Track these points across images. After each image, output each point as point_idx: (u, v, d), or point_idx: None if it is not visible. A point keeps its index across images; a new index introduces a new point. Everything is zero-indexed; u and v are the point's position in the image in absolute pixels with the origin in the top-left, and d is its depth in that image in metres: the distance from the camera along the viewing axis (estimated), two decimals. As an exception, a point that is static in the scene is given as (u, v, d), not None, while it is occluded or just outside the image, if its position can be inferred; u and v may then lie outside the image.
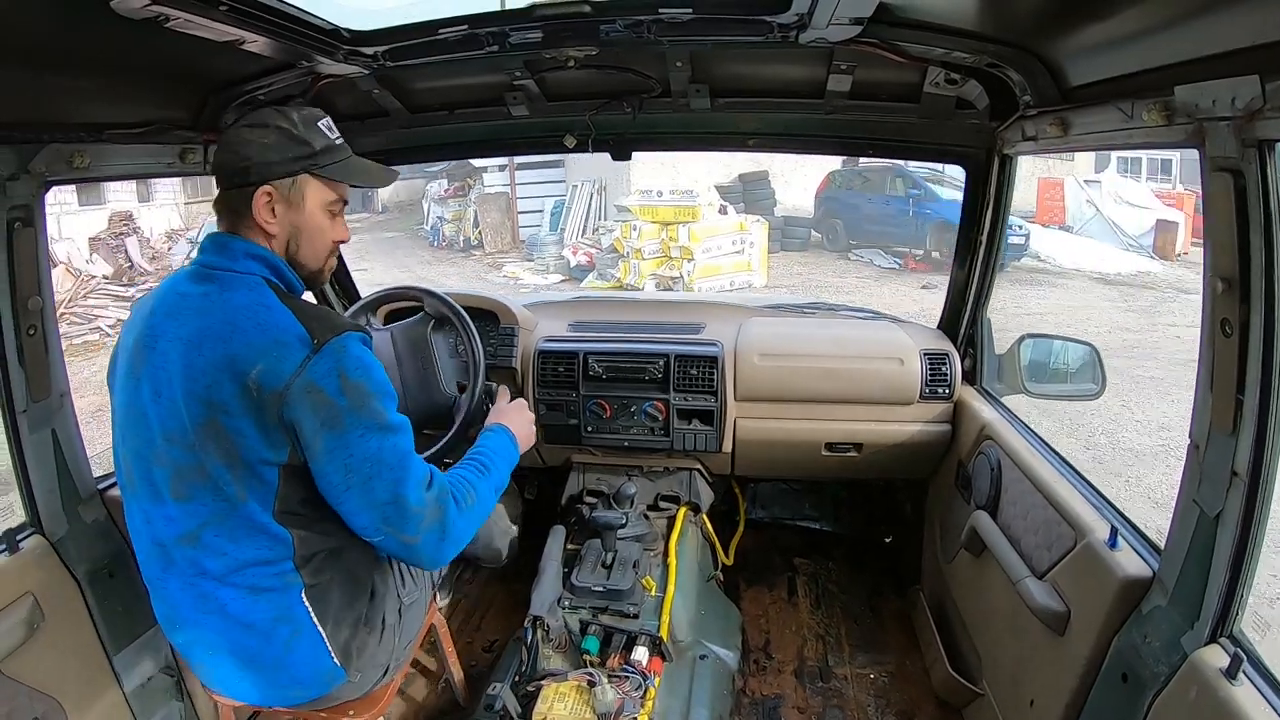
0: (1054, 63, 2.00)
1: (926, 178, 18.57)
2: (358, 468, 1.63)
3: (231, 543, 1.68)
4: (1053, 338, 3.08)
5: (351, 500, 1.65)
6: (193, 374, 1.60)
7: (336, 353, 1.62)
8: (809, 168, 21.16)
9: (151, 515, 1.72)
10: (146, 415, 1.67)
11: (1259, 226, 1.40)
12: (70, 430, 2.12)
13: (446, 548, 1.75)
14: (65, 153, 1.94)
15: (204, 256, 1.72)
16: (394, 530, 1.67)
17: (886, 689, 2.94)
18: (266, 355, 1.58)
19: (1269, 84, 1.26)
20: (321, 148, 1.77)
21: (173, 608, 1.78)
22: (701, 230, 16.04)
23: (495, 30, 2.14)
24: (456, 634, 3.17)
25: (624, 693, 2.33)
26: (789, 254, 19.18)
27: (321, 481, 1.66)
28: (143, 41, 1.65)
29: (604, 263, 17.35)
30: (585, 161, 20.34)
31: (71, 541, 2.09)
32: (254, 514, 1.66)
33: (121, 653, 2.15)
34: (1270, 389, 1.43)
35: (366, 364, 1.67)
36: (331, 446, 1.61)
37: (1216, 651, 1.52)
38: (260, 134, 1.71)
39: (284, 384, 1.58)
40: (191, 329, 1.63)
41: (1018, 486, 2.41)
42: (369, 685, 1.96)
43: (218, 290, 1.66)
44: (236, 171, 1.70)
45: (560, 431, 3.20)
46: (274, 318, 1.63)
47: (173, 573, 1.74)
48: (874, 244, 18.92)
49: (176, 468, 1.65)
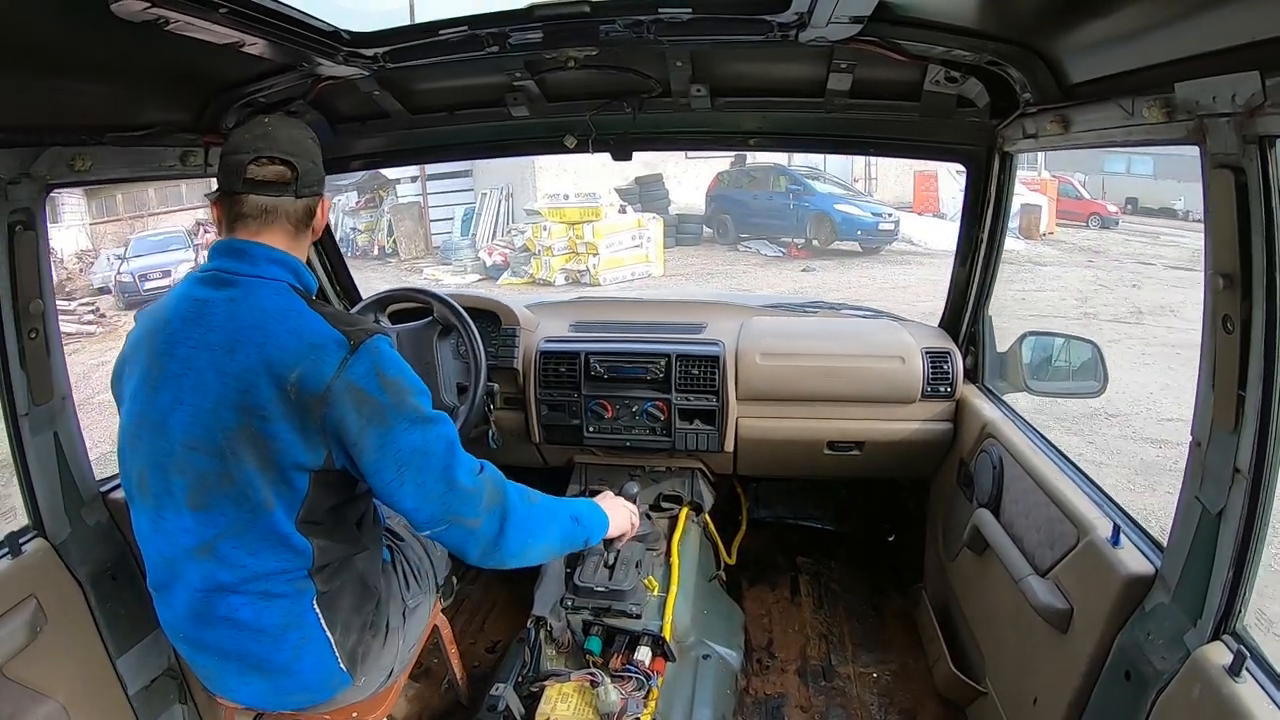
0: (1054, 60, 2.00)
1: (805, 174, 20.71)
2: (408, 460, 1.65)
3: (250, 555, 1.67)
4: (1055, 335, 3.08)
5: (408, 495, 1.67)
6: (225, 379, 1.61)
7: (371, 353, 1.65)
8: (700, 168, 23.15)
9: (164, 526, 1.71)
10: (165, 423, 1.66)
11: (1260, 223, 1.39)
12: (72, 433, 2.12)
13: (509, 535, 1.77)
14: (67, 156, 1.93)
15: (220, 261, 1.71)
16: (456, 517, 1.70)
17: (890, 688, 2.94)
18: (304, 359, 1.60)
19: (1269, 80, 1.26)
20: None
21: (178, 616, 1.77)
22: (604, 228, 17.88)
23: (495, 31, 2.14)
24: (459, 635, 3.17)
25: (627, 693, 2.33)
26: (684, 248, 21.21)
27: (375, 480, 1.67)
28: (143, 44, 1.65)
29: (517, 261, 19.08)
30: (494, 169, 22.20)
31: (74, 544, 2.08)
32: (276, 524, 1.66)
33: (124, 655, 2.15)
34: (1272, 385, 1.43)
35: (398, 362, 1.71)
36: (380, 443, 1.63)
37: (1220, 649, 1.51)
38: (316, 147, 1.79)
39: (325, 386, 1.59)
40: (221, 335, 1.63)
41: (1020, 484, 2.41)
42: (373, 688, 1.96)
43: (243, 295, 1.66)
44: (317, 180, 1.77)
45: (562, 432, 3.20)
46: (307, 323, 1.65)
47: (180, 583, 1.73)
48: (760, 236, 20.80)
49: (199, 476, 1.65)
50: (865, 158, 23.85)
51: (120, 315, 16.87)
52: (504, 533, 1.75)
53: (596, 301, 4.31)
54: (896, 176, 26.72)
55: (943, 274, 11.23)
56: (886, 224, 19.89)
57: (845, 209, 19.83)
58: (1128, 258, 19.77)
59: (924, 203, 24.31)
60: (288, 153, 1.71)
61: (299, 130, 1.77)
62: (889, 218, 20.06)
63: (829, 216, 19.74)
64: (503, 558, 1.79)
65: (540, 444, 3.27)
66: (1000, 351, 3.07)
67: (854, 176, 25.74)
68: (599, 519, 2.11)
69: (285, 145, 1.71)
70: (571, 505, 2.02)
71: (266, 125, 1.72)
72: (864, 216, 19.87)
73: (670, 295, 8.40)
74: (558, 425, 3.20)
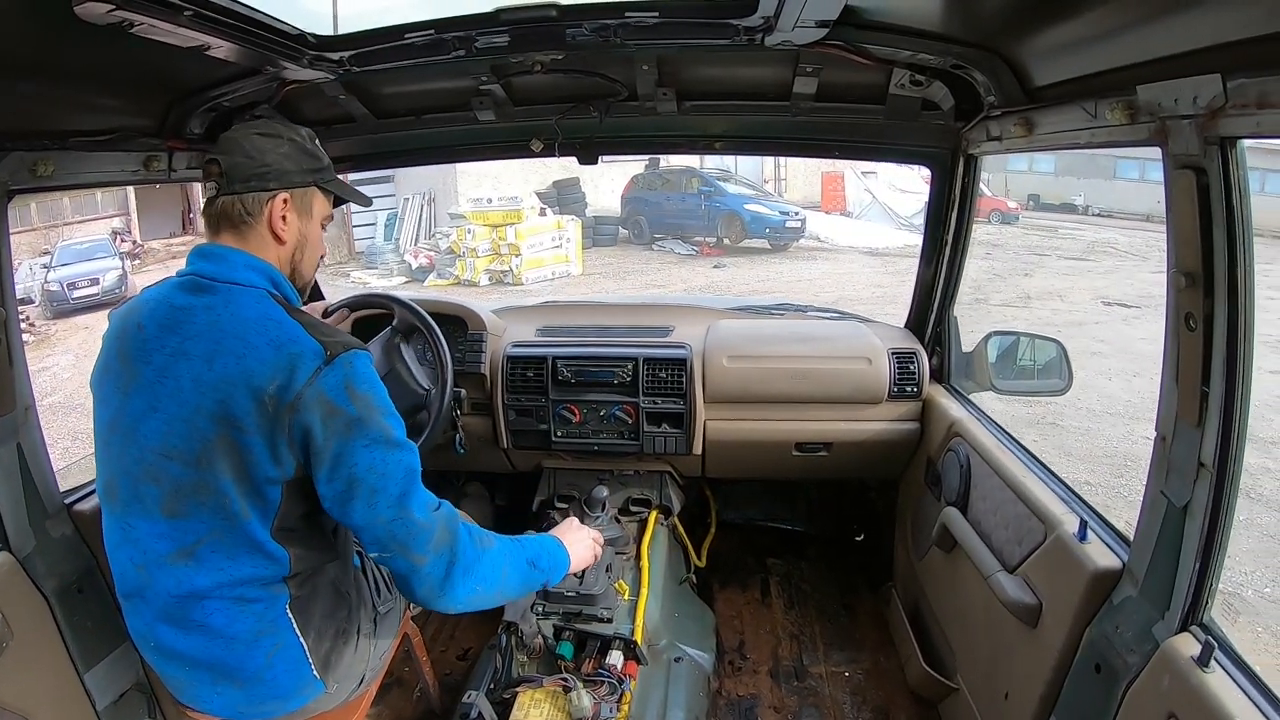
0: (1018, 63, 2.02)
1: (717, 176, 21.61)
2: (362, 477, 1.61)
3: (229, 560, 1.65)
4: (1019, 334, 3.12)
5: (356, 512, 1.63)
6: (203, 389, 1.58)
7: (346, 366, 1.62)
8: (615, 172, 23.51)
9: (137, 532, 1.68)
10: (137, 431, 1.64)
11: (1221, 222, 1.42)
12: (36, 444, 2.07)
13: (456, 579, 1.71)
14: (29, 160, 1.90)
15: (198, 265, 1.69)
16: (402, 548, 1.65)
17: (862, 686, 2.96)
18: (281, 369, 1.58)
19: (1230, 82, 1.29)
20: (327, 163, 1.83)
21: (149, 624, 1.74)
22: (526, 230, 18.47)
23: (461, 35, 2.12)
24: (430, 643, 3.15)
25: (599, 697, 2.32)
26: (601, 248, 21.95)
27: (326, 490, 1.63)
28: (107, 47, 1.63)
29: (443, 263, 19.42)
30: (415, 175, 22.40)
31: (39, 558, 2.04)
32: (254, 532, 1.64)
33: (92, 670, 2.10)
34: (1235, 381, 1.46)
35: (372, 380, 1.67)
36: (338, 453, 1.60)
37: (1188, 640, 1.54)
38: (275, 143, 1.72)
39: (296, 394, 1.57)
40: (199, 344, 1.61)
41: (987, 482, 2.44)
42: (345, 696, 1.94)
43: (221, 303, 1.64)
44: (254, 175, 1.69)
45: (530, 437, 3.19)
46: (286, 332, 1.62)
47: (152, 590, 1.70)
48: (674, 236, 21.67)
49: (174, 485, 1.62)
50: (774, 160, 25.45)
51: (50, 324, 16.61)
52: (450, 578, 1.70)
53: (563, 306, 4.30)
54: (805, 177, 27.94)
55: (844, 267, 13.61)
56: (793, 222, 20.95)
57: (754, 208, 20.79)
58: (1024, 250, 20.69)
59: (832, 202, 26.10)
60: (219, 151, 1.70)
61: (252, 129, 1.74)
62: (795, 216, 21.17)
63: (739, 216, 20.66)
64: (449, 603, 1.74)
65: (508, 449, 3.25)
66: (966, 351, 3.10)
67: (764, 178, 27.02)
68: (559, 559, 2.04)
69: (221, 145, 1.71)
70: (529, 547, 1.95)
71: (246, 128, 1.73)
72: (772, 215, 20.83)
73: (637, 299, 8.41)
74: (525, 430, 3.18)
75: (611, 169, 23.54)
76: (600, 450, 3.18)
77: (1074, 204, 28.74)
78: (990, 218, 25.20)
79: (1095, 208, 28.65)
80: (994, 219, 25.30)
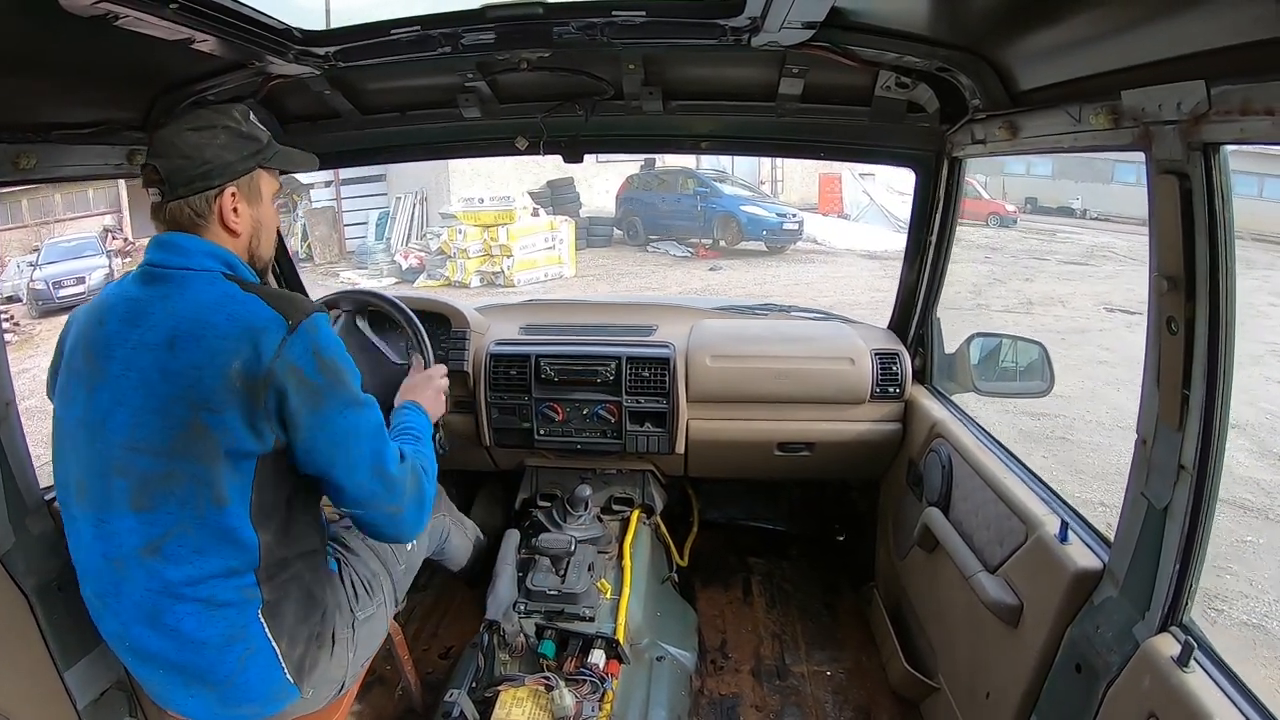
0: (1004, 67, 2.03)
1: (713, 177, 21.38)
2: (340, 441, 1.68)
3: (196, 553, 1.64)
4: (1002, 336, 3.14)
5: (337, 473, 1.70)
6: (169, 377, 1.58)
7: (310, 332, 1.64)
8: (609, 172, 23.55)
9: (105, 529, 1.67)
10: (104, 425, 1.63)
11: (1204, 227, 1.43)
12: (16, 440, 2.05)
13: (423, 518, 1.86)
14: (11, 153, 1.88)
15: (154, 256, 1.68)
16: (380, 503, 1.75)
17: (844, 686, 2.97)
18: (244, 344, 1.58)
19: (1214, 89, 1.30)
20: (266, 138, 1.80)
21: (123, 625, 1.73)
22: (518, 230, 18.12)
23: (448, 31, 2.12)
24: (412, 641, 3.13)
25: (582, 696, 2.33)
26: (595, 249, 21.57)
27: (306, 458, 1.68)
28: (91, 40, 1.61)
29: (433, 264, 19.22)
30: (408, 173, 22.11)
31: (19, 555, 2.01)
32: (223, 518, 1.63)
33: (73, 668, 2.08)
34: (1215, 384, 1.48)
35: (335, 343, 1.71)
36: (313, 423, 1.64)
37: (1168, 640, 1.55)
38: (210, 135, 1.69)
39: (266, 368, 1.58)
40: (159, 333, 1.60)
41: (969, 483, 2.45)
42: (322, 701, 1.93)
43: (178, 290, 1.64)
44: (196, 176, 1.67)
45: (512, 435, 3.18)
46: (244, 307, 1.62)
47: (126, 588, 1.69)
48: (669, 237, 21.38)
49: (142, 477, 1.62)
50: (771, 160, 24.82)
51: (35, 324, 16.41)
52: (420, 515, 1.84)
53: (547, 304, 4.30)
54: (802, 178, 27.28)
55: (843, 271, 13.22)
56: (790, 224, 20.57)
57: (751, 210, 20.40)
58: (1024, 254, 20.45)
59: (829, 203, 25.57)
60: (154, 154, 1.69)
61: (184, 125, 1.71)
62: (793, 218, 20.77)
63: (735, 218, 20.34)
64: (417, 533, 1.89)
65: (490, 447, 3.24)
66: (949, 353, 3.12)
67: (760, 179, 26.27)
68: (424, 422, 2.12)
69: (155, 147, 1.69)
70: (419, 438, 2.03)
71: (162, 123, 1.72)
72: (769, 217, 20.42)
73: (621, 298, 8.42)
74: (508, 428, 3.18)
75: (606, 169, 23.48)
76: (583, 449, 3.18)
77: (1072, 208, 28.69)
78: (988, 221, 25.13)
79: (1093, 211, 28.62)
80: (992, 222, 25.26)
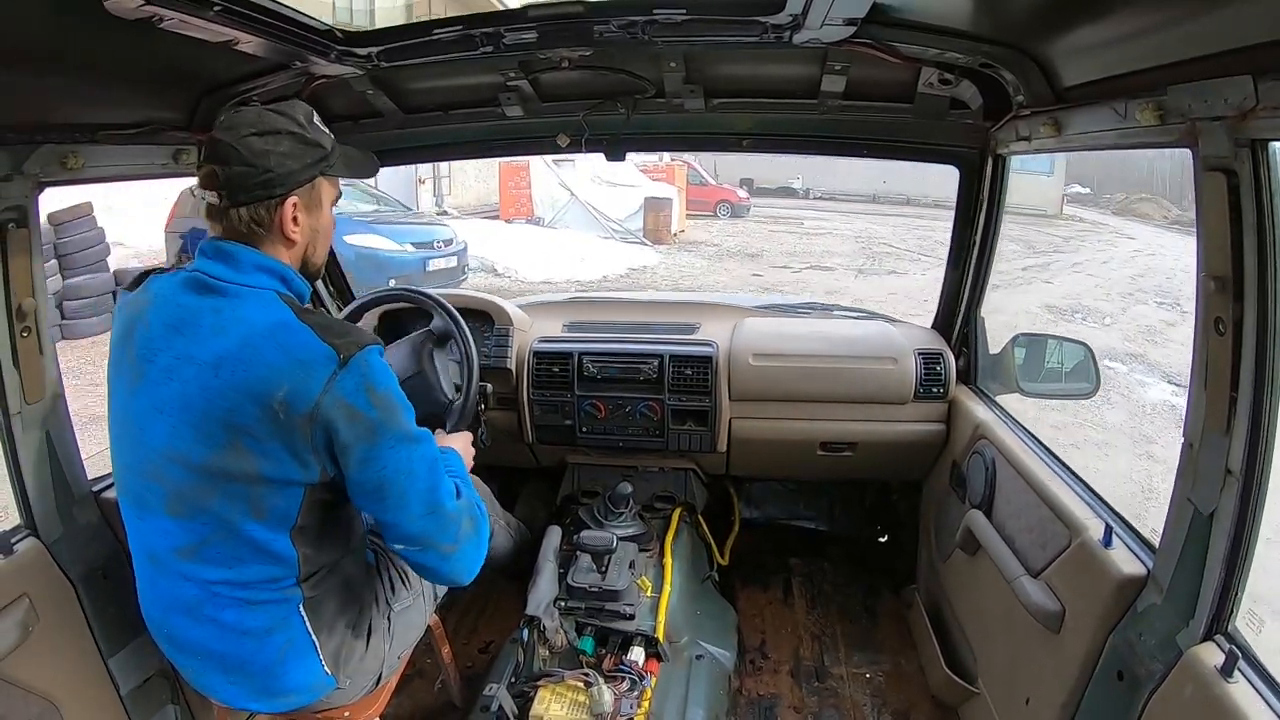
0: (1048, 63, 2.00)
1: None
2: (393, 479, 1.62)
3: (235, 559, 1.65)
4: (1047, 337, 3.09)
5: (388, 510, 1.65)
6: (210, 396, 1.56)
7: (361, 367, 1.59)
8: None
9: (143, 526, 1.70)
10: (144, 430, 1.63)
11: (1252, 225, 1.40)
12: (64, 432, 2.11)
13: (479, 560, 1.78)
14: (59, 154, 1.92)
15: (205, 264, 1.64)
16: (432, 541, 1.68)
17: (882, 688, 2.94)
18: (292, 377, 1.54)
19: (1261, 84, 1.27)
20: (329, 144, 1.72)
21: (164, 612, 1.76)
22: None
23: (489, 31, 2.13)
24: (452, 635, 3.16)
25: (620, 693, 2.33)
26: None
27: (356, 494, 1.65)
28: (136, 42, 1.64)
29: None
30: None
31: (66, 543, 2.07)
32: (260, 535, 1.63)
33: (117, 655, 2.13)
34: (1264, 386, 1.44)
35: (388, 376, 1.65)
36: (365, 458, 1.60)
37: (1212, 649, 1.52)
38: (274, 141, 1.61)
39: (313, 403, 1.54)
40: (206, 349, 1.57)
41: (1012, 485, 2.42)
42: (360, 691, 1.95)
43: (230, 306, 1.60)
44: (259, 184, 1.61)
45: (555, 432, 3.20)
46: (296, 337, 1.57)
47: (165, 582, 1.72)
48: None
49: (176, 486, 1.62)
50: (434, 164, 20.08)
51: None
52: (476, 555, 1.77)
53: (590, 302, 4.31)
54: (478, 175, 22.71)
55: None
56: (441, 260, 12.59)
57: (365, 243, 11.49)
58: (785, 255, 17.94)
59: (513, 206, 19.90)
60: (215, 158, 1.60)
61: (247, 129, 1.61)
62: (445, 246, 12.82)
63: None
64: (472, 575, 1.79)
65: (533, 444, 3.27)
66: (993, 353, 3.07)
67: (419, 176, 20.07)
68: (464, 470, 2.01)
69: (217, 151, 1.60)
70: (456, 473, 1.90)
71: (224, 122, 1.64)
72: (398, 253, 11.93)
73: (665, 296, 8.41)
74: (551, 425, 3.20)
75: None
76: (625, 446, 3.19)
77: (793, 187, 26.87)
78: (718, 210, 23.26)
79: (816, 190, 26.83)
80: (722, 212, 23.28)
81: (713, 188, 23.82)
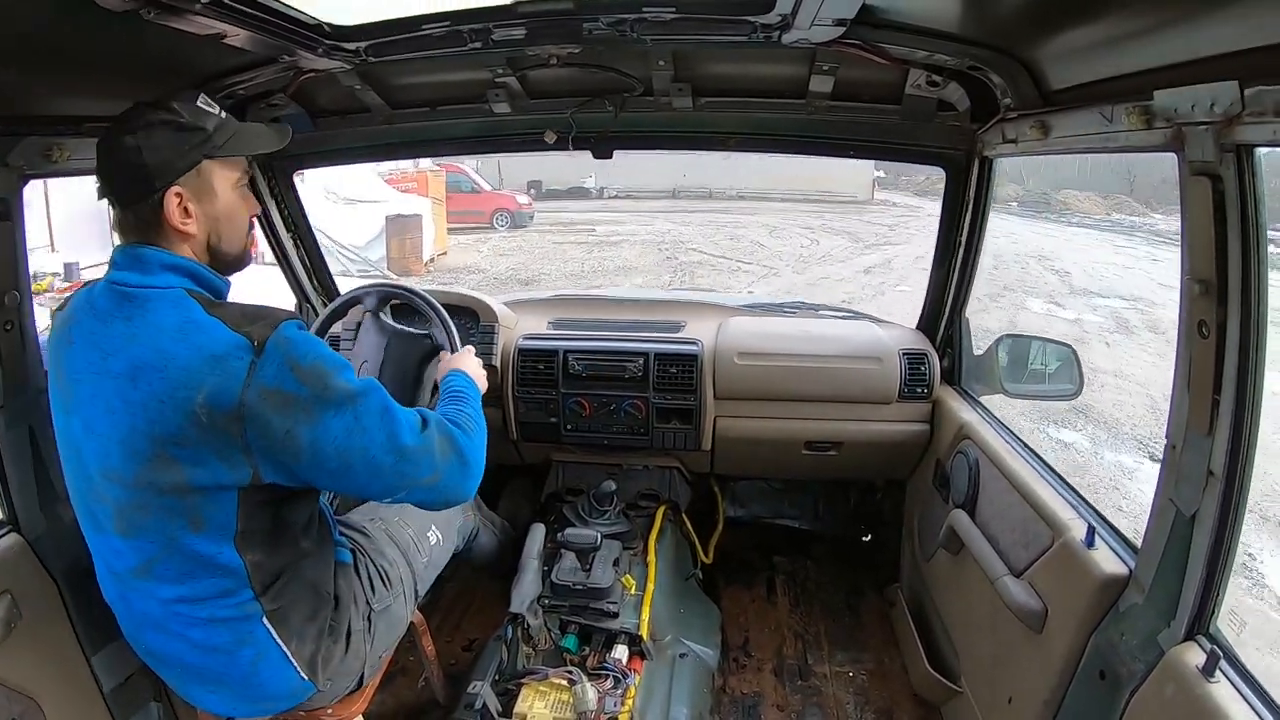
0: (1035, 66, 2.01)
1: None
2: (348, 445, 1.55)
3: (186, 575, 1.62)
4: (1031, 338, 3.11)
5: (357, 477, 1.59)
6: (133, 410, 1.50)
7: (281, 347, 1.52)
8: None
9: (102, 547, 1.69)
10: (79, 453, 1.61)
11: (1236, 229, 1.41)
12: (48, 427, 2.09)
13: (471, 473, 1.72)
14: (43, 146, 1.91)
15: (117, 273, 1.58)
16: (412, 481, 1.63)
17: (865, 687, 2.95)
18: (209, 376, 1.48)
19: (1248, 89, 1.28)
20: (214, 128, 1.63)
21: (137, 627, 1.76)
22: None
23: (478, 27, 2.12)
24: (436, 632, 3.15)
25: (604, 691, 2.33)
26: None
27: (320, 474, 1.59)
28: (123, 35, 1.63)
29: None
30: None
31: (49, 540, 2.05)
32: (201, 547, 1.59)
33: (100, 652, 2.12)
34: (1246, 389, 1.46)
35: (312, 345, 1.58)
36: (313, 437, 1.53)
37: (1193, 649, 1.54)
38: (144, 135, 1.55)
39: (237, 400, 1.48)
40: (121, 362, 1.52)
41: (995, 485, 2.43)
42: (341, 693, 1.95)
43: (140, 313, 1.54)
44: (134, 181, 1.55)
45: (540, 429, 3.20)
46: (205, 333, 1.51)
47: (131, 598, 1.71)
48: None
49: (117, 505, 1.59)
50: None
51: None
52: (464, 473, 1.70)
53: (576, 299, 4.31)
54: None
55: None
56: None
57: None
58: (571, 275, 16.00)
59: None
60: (98, 165, 1.58)
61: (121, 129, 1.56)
62: None
63: None
64: (470, 492, 1.74)
65: (517, 441, 3.27)
66: (977, 354, 3.09)
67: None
68: (469, 386, 2.00)
69: (98, 156, 1.58)
70: (468, 398, 1.92)
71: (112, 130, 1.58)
72: None
73: (650, 294, 8.40)
74: (535, 423, 3.20)
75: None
76: (609, 444, 3.20)
77: (585, 187, 24.77)
78: (495, 221, 20.78)
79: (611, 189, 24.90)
80: (501, 222, 20.75)
81: (488, 195, 21.46)
